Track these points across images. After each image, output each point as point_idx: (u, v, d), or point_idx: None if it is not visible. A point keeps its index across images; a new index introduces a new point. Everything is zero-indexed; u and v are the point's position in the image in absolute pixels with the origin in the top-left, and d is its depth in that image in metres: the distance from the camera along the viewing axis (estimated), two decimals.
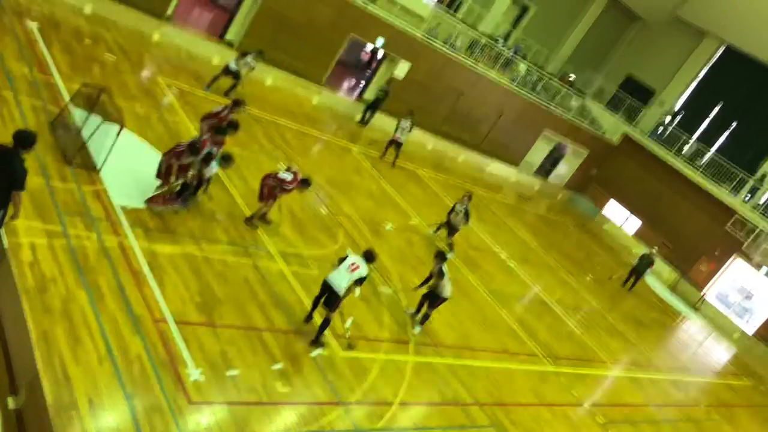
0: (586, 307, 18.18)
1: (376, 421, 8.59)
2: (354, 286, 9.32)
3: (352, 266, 9.28)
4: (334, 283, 9.19)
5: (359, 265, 9.30)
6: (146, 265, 8.71)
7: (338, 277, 9.20)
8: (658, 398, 14.94)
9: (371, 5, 20.90)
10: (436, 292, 11.39)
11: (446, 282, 11.39)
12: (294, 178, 11.18)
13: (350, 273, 9.22)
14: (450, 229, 15.93)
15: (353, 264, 9.29)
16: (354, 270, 9.24)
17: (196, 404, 7.10)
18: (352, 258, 9.40)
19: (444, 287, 11.38)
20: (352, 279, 9.21)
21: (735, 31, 29.49)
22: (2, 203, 6.80)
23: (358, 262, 9.32)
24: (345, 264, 9.30)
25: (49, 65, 12.32)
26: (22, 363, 6.22)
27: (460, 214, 15.79)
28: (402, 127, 18.91)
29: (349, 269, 9.24)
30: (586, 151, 30.89)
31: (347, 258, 9.43)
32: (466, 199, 16.12)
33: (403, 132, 18.90)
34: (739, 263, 26.78)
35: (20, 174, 6.60)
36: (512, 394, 11.33)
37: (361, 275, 9.26)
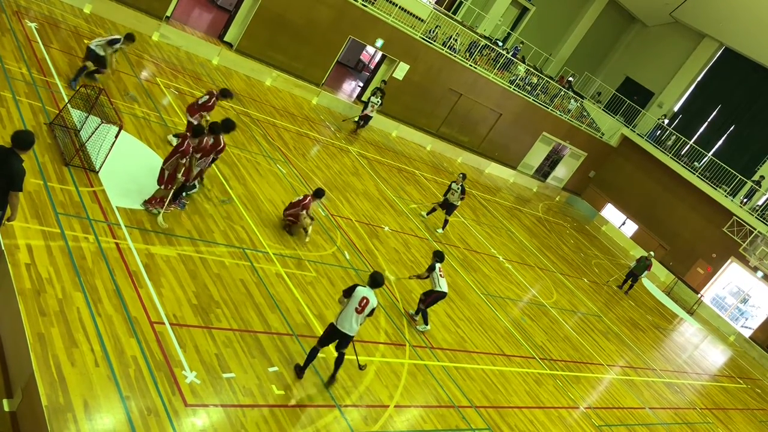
0: (583, 310, 18.22)
1: (371, 424, 8.61)
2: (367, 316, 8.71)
3: (361, 303, 8.52)
4: (345, 327, 8.55)
5: (368, 298, 8.54)
6: (143, 266, 8.73)
7: (349, 322, 8.52)
8: (653, 401, 14.98)
9: (370, 7, 20.93)
10: (432, 288, 11.61)
11: (437, 277, 11.61)
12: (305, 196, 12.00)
13: (361, 314, 8.58)
14: (447, 208, 16.90)
15: (363, 300, 8.52)
16: (364, 308, 8.55)
17: (191, 407, 7.12)
18: (361, 293, 8.52)
19: (436, 282, 11.60)
20: (364, 317, 8.64)
21: (733, 33, 29.56)
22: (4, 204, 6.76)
23: (367, 295, 8.54)
24: (353, 304, 8.50)
25: (48, 66, 12.33)
26: (17, 365, 6.23)
27: (457, 193, 16.72)
28: (372, 102, 20.48)
29: (358, 311, 8.53)
30: (584, 153, 30.95)
31: (354, 293, 8.54)
32: (461, 177, 17.06)
33: (373, 108, 20.55)
34: (735, 267, 26.85)
35: (18, 174, 6.55)
36: (508, 397, 11.37)
37: (372, 308, 8.59)
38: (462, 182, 16.90)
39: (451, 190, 16.82)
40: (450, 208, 16.90)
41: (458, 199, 16.85)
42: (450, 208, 16.90)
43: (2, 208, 6.81)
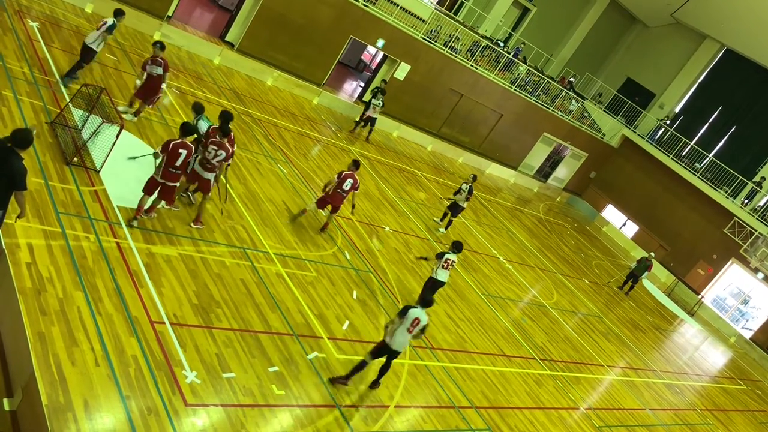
0: (583, 311, 18.22)
1: (371, 424, 8.62)
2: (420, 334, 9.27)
3: (413, 324, 9.08)
4: (396, 345, 9.12)
5: (419, 318, 9.10)
6: (144, 266, 8.74)
7: (400, 341, 9.10)
8: (653, 402, 14.97)
9: (372, 7, 20.93)
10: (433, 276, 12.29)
11: (440, 266, 12.28)
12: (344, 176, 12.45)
13: (412, 332, 9.12)
14: (453, 209, 17.09)
15: (414, 321, 9.08)
16: (416, 326, 9.10)
17: (192, 406, 7.12)
18: (413, 315, 9.08)
19: (437, 269, 12.27)
20: (414, 336, 9.20)
21: (734, 34, 29.55)
22: (5, 203, 6.77)
23: (419, 315, 9.09)
24: (405, 324, 9.08)
25: (49, 65, 12.34)
26: (18, 364, 6.23)
27: (464, 193, 16.93)
28: (374, 104, 20.27)
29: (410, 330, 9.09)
30: (585, 154, 30.94)
31: (407, 314, 9.09)
32: (471, 179, 17.41)
33: (375, 109, 20.33)
34: (735, 268, 26.84)
35: (20, 173, 6.55)
36: (508, 397, 11.36)
37: (423, 325, 9.14)
38: (472, 183, 17.16)
39: (461, 190, 17.05)
40: (456, 209, 17.08)
41: (465, 200, 17.00)
42: (456, 209, 17.08)
43: (3, 208, 6.82)
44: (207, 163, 10.25)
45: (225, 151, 10.25)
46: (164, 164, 9.32)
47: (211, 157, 10.21)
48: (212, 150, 10.18)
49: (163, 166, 9.32)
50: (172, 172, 9.41)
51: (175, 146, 9.30)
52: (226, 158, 10.38)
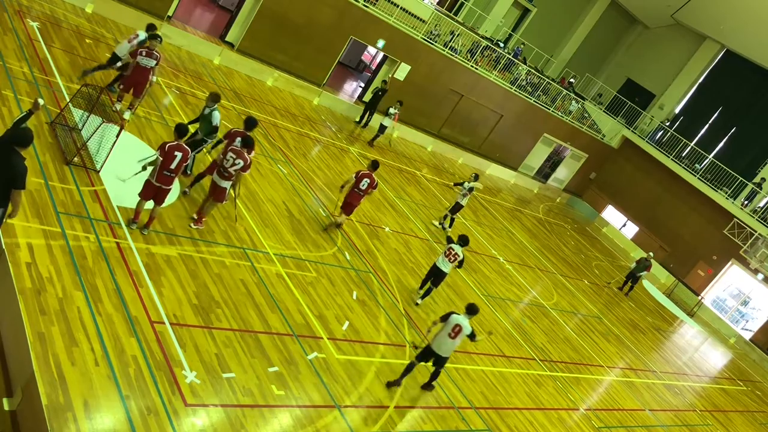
0: (583, 311, 18.22)
1: (371, 425, 8.61)
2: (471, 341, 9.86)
3: (454, 330, 9.62)
4: (440, 349, 9.74)
5: (461, 325, 9.62)
6: (144, 266, 8.74)
7: (445, 346, 9.71)
8: (653, 403, 14.97)
9: (372, 7, 20.94)
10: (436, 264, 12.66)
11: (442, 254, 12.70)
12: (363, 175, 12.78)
13: (455, 338, 9.68)
14: (453, 207, 17.30)
15: (456, 327, 9.62)
16: (458, 333, 9.64)
17: (191, 406, 7.12)
18: (455, 320, 9.63)
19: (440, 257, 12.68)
20: (459, 342, 9.74)
21: (734, 35, 29.56)
22: (5, 201, 6.71)
23: (460, 322, 9.62)
24: (446, 329, 9.63)
25: (49, 65, 12.34)
26: (17, 364, 6.23)
27: (464, 190, 17.10)
28: (391, 114, 20.52)
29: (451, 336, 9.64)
30: (585, 155, 30.95)
31: (449, 319, 9.66)
32: (473, 178, 17.71)
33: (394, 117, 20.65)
34: (735, 269, 26.84)
35: (21, 173, 6.51)
36: (508, 398, 11.36)
37: (466, 333, 9.64)
38: (473, 182, 17.37)
39: (463, 185, 17.28)
40: (456, 207, 17.24)
41: (463, 197, 17.14)
42: (456, 207, 17.24)
43: (3, 206, 6.81)
44: (224, 171, 10.14)
45: (243, 160, 10.12)
46: (159, 167, 9.13)
47: (229, 165, 10.10)
48: (231, 158, 10.08)
49: (158, 168, 9.14)
50: (166, 176, 9.20)
51: (171, 148, 9.07)
52: (244, 168, 10.22)
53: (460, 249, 12.71)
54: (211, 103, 11.51)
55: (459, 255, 12.66)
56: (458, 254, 12.64)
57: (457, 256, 12.63)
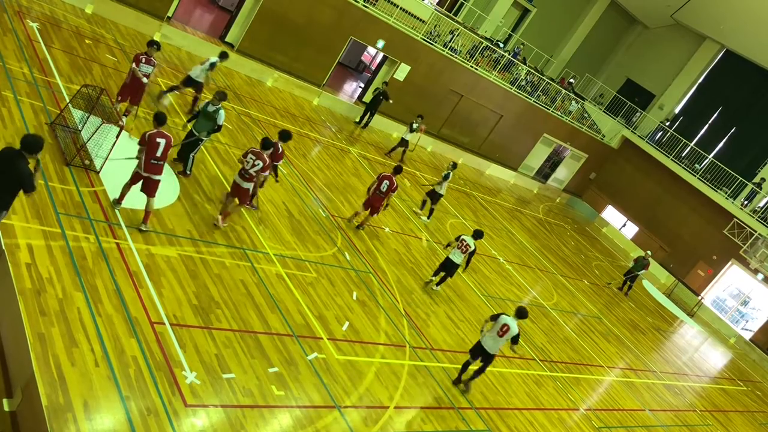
0: (583, 312, 18.22)
1: (371, 425, 8.62)
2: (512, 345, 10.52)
3: (502, 329, 10.36)
4: (488, 346, 10.50)
5: (509, 325, 10.34)
6: (144, 267, 8.74)
7: (491, 342, 10.47)
8: (653, 403, 14.97)
9: (371, 8, 20.94)
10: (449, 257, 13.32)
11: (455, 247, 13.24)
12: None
13: (502, 337, 10.37)
14: (432, 197, 17.15)
15: (504, 327, 10.35)
16: (505, 333, 10.35)
17: (191, 407, 7.12)
18: (503, 321, 10.39)
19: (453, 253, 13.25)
20: (504, 342, 10.43)
21: (734, 35, 29.57)
22: (5, 204, 6.87)
23: (509, 323, 10.34)
24: (495, 328, 10.41)
25: (49, 66, 12.35)
26: (17, 365, 6.23)
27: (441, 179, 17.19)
28: (414, 128, 20.42)
29: (499, 334, 10.36)
30: (585, 155, 30.95)
31: (498, 319, 10.44)
32: (451, 166, 17.96)
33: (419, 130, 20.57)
34: (735, 269, 26.84)
35: (24, 176, 6.65)
36: (508, 398, 11.37)
37: (513, 334, 10.32)
38: (451, 170, 17.42)
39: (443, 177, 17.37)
40: (434, 196, 17.15)
41: (438, 184, 17.09)
42: (434, 196, 17.15)
43: (6, 208, 6.87)
44: (245, 173, 10.54)
45: (262, 161, 10.54)
46: (145, 156, 9.25)
47: (249, 167, 10.53)
48: (251, 159, 10.51)
49: (144, 159, 9.26)
50: (154, 164, 9.34)
51: (152, 136, 9.25)
52: (263, 168, 10.64)
53: (472, 241, 13.29)
54: (217, 102, 11.59)
55: (471, 246, 13.21)
56: (470, 245, 13.21)
57: (468, 246, 13.20)
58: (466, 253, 13.24)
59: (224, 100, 11.71)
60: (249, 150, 10.65)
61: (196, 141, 11.55)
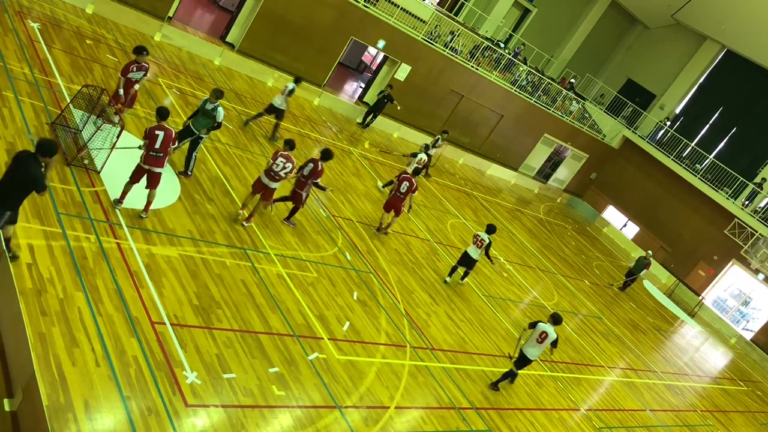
0: (584, 312, 18.21)
1: (372, 425, 8.61)
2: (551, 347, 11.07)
3: (541, 335, 10.91)
4: (530, 354, 11.09)
5: (547, 332, 10.88)
6: (144, 266, 8.74)
7: (532, 350, 11.06)
8: (654, 403, 14.97)
9: (372, 8, 20.94)
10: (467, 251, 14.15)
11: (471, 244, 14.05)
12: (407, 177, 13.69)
13: (542, 343, 10.95)
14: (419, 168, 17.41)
15: (542, 334, 10.91)
16: (544, 339, 10.91)
17: (192, 407, 7.12)
18: (541, 328, 10.92)
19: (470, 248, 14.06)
20: (544, 347, 11.00)
21: (735, 35, 29.55)
22: (14, 205, 6.98)
23: (546, 329, 10.89)
24: (534, 335, 10.97)
25: (50, 66, 12.35)
26: (18, 364, 6.23)
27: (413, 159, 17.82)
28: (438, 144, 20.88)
29: (538, 341, 10.94)
30: (585, 155, 30.94)
31: (536, 326, 10.95)
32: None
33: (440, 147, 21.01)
34: (736, 269, 26.82)
35: (33, 176, 6.78)
36: (508, 398, 11.36)
37: (552, 339, 10.88)
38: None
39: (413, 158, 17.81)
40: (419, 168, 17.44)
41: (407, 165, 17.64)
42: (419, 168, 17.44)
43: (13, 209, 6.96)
44: (274, 175, 11.08)
45: (292, 164, 11.14)
46: (146, 149, 9.47)
47: (279, 169, 11.06)
48: (280, 162, 11.03)
49: (144, 152, 9.48)
50: (153, 156, 9.53)
51: (152, 129, 9.49)
52: (292, 170, 11.24)
53: (486, 236, 13.97)
54: (215, 99, 11.61)
55: (485, 240, 13.88)
56: (484, 240, 13.88)
57: (483, 241, 13.88)
58: (482, 248, 13.84)
59: (221, 97, 11.76)
60: (279, 152, 11.10)
61: (197, 139, 11.56)
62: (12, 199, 6.92)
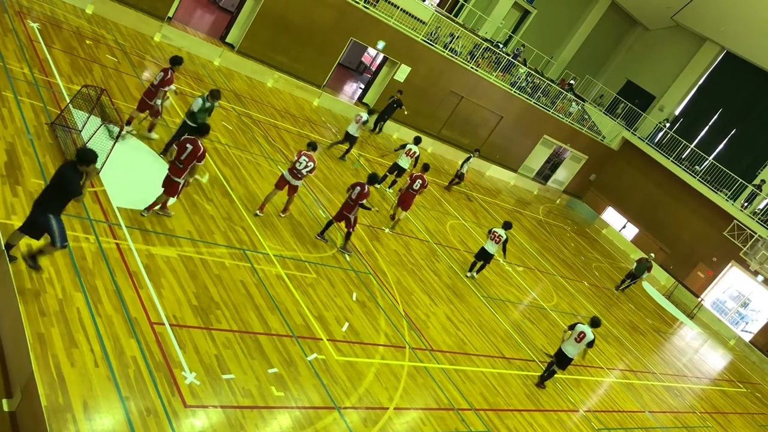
0: (583, 313, 18.21)
1: (371, 426, 8.61)
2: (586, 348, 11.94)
3: (579, 336, 11.84)
4: (568, 351, 12.05)
5: (585, 332, 11.79)
6: (143, 267, 8.74)
7: (571, 348, 12.01)
8: (653, 404, 14.96)
9: (372, 9, 20.95)
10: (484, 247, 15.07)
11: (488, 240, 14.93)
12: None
13: (579, 343, 11.86)
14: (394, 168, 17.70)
15: (581, 334, 11.83)
16: (582, 339, 11.82)
17: (191, 408, 7.12)
18: (580, 328, 11.88)
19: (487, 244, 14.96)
20: (582, 347, 11.89)
21: (734, 37, 29.57)
22: (56, 210, 7.24)
23: (584, 330, 11.81)
24: (573, 335, 11.93)
25: (50, 66, 12.35)
26: (17, 365, 6.23)
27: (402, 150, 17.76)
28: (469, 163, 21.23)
29: (577, 340, 11.85)
30: (585, 156, 30.95)
31: (575, 327, 11.96)
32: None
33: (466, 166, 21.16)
34: (735, 271, 26.83)
35: (71, 182, 7.09)
36: (507, 400, 11.36)
37: (589, 340, 11.79)
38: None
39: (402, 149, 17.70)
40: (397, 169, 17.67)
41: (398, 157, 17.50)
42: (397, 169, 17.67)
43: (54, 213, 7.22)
44: (297, 173, 11.84)
45: (314, 163, 11.91)
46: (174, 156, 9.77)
47: (302, 167, 11.82)
48: (303, 160, 11.80)
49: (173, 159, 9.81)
50: (175, 165, 9.74)
51: (184, 140, 9.76)
52: (313, 170, 12.04)
53: (503, 231, 14.82)
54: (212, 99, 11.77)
55: (502, 236, 14.72)
56: (501, 235, 14.72)
57: (500, 237, 14.71)
58: (499, 243, 14.71)
59: (218, 99, 11.93)
60: (302, 152, 11.86)
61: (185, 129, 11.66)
62: (54, 204, 7.21)
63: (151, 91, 11.69)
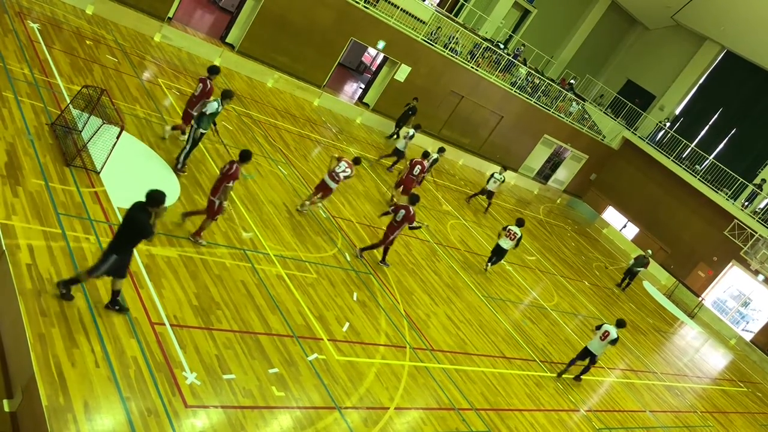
0: (584, 312, 18.20)
1: (371, 426, 8.61)
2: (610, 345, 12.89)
3: (604, 334, 12.76)
4: (593, 349, 12.99)
5: (609, 331, 12.75)
6: (144, 267, 8.74)
7: (596, 346, 12.95)
8: (654, 404, 14.96)
9: (372, 9, 20.95)
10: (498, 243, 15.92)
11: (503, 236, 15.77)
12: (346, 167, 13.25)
13: (603, 341, 12.78)
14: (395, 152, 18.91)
15: (605, 332, 12.77)
16: (606, 337, 12.76)
17: (192, 408, 7.12)
18: (605, 327, 12.85)
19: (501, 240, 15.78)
20: (606, 345, 12.82)
21: (735, 36, 29.55)
22: (124, 250, 7.39)
23: (609, 329, 12.78)
24: (599, 333, 12.86)
25: (50, 66, 12.35)
26: (18, 365, 6.23)
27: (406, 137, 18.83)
28: (495, 178, 20.83)
29: (602, 338, 12.77)
30: (585, 156, 30.94)
31: (601, 327, 12.94)
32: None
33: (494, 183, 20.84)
34: (736, 270, 26.82)
35: (143, 225, 7.28)
36: (508, 399, 11.36)
37: (612, 338, 12.73)
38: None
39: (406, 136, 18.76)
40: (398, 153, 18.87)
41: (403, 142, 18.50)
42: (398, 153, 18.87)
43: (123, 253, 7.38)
44: (335, 176, 12.74)
45: (351, 170, 12.95)
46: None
47: (340, 171, 12.77)
48: (343, 165, 12.81)
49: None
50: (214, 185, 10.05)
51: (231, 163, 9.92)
52: (350, 177, 13.09)
53: (518, 229, 15.56)
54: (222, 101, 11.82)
55: (517, 233, 15.50)
56: (516, 233, 15.48)
57: (516, 234, 15.47)
58: (514, 240, 15.55)
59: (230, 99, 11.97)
60: (343, 158, 12.86)
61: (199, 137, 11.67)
62: (123, 245, 7.36)
63: (193, 102, 12.22)
